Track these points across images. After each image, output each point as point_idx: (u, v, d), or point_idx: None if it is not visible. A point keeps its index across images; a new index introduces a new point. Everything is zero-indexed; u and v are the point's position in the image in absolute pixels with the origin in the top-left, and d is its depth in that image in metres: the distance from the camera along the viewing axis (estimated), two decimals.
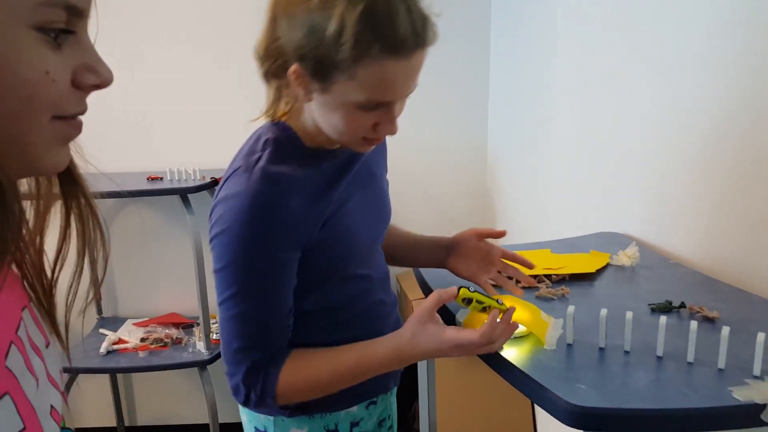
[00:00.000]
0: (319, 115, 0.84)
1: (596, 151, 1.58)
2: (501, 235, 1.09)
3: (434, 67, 2.43)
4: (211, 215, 0.87)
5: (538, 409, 2.12)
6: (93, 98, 0.46)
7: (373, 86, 0.78)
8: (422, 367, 1.36)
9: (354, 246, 0.94)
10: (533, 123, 2.00)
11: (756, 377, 0.76)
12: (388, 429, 1.12)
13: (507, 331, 0.84)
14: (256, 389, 0.86)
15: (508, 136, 2.25)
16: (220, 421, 2.27)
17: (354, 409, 1.00)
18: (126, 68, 2.21)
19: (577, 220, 1.69)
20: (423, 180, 2.46)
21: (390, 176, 1.10)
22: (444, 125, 2.42)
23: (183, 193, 2.03)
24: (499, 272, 1.05)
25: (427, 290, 1.11)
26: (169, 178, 2.12)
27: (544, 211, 1.94)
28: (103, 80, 0.45)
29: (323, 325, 0.94)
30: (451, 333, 0.83)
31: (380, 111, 0.82)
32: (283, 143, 0.87)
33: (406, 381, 1.21)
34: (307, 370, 0.89)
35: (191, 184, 2.04)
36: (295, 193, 0.84)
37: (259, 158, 0.86)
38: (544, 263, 1.20)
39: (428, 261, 1.12)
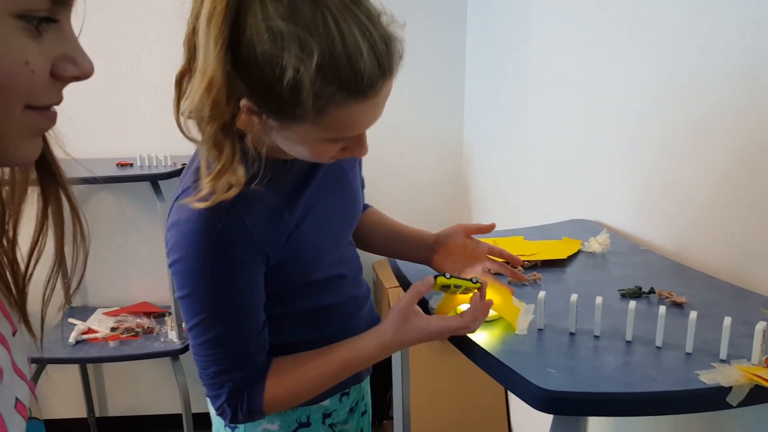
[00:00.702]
0: (281, 143, 0.76)
1: (568, 140, 1.59)
2: (489, 229, 1.05)
3: (411, 57, 2.42)
4: (166, 237, 0.82)
5: (512, 395, 2.14)
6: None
7: (339, 128, 0.72)
8: (396, 355, 1.36)
9: (320, 255, 0.90)
10: (508, 111, 2.01)
11: (722, 361, 0.77)
12: (362, 414, 1.11)
13: (484, 308, 0.85)
14: (242, 408, 0.84)
15: (484, 124, 2.25)
16: (193, 411, 2.24)
17: (326, 402, 0.99)
18: (96, 52, 2.15)
19: (550, 208, 1.71)
20: (399, 167, 2.45)
21: (367, 164, 1.07)
22: (420, 113, 2.41)
23: (154, 180, 1.99)
24: (488, 270, 1.01)
25: (402, 280, 1.10)
26: (139, 165, 2.07)
27: (518, 199, 1.95)
28: (83, 72, 0.44)
29: (296, 327, 0.92)
30: (436, 323, 0.83)
31: (349, 140, 0.77)
32: (243, 153, 0.76)
33: (381, 369, 1.21)
34: (291, 380, 0.87)
35: (162, 170, 2.00)
36: (252, 214, 0.78)
37: None
38: (518, 250, 1.20)
39: (411, 257, 1.09)
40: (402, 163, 2.45)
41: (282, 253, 0.83)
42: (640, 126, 1.28)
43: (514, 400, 2.11)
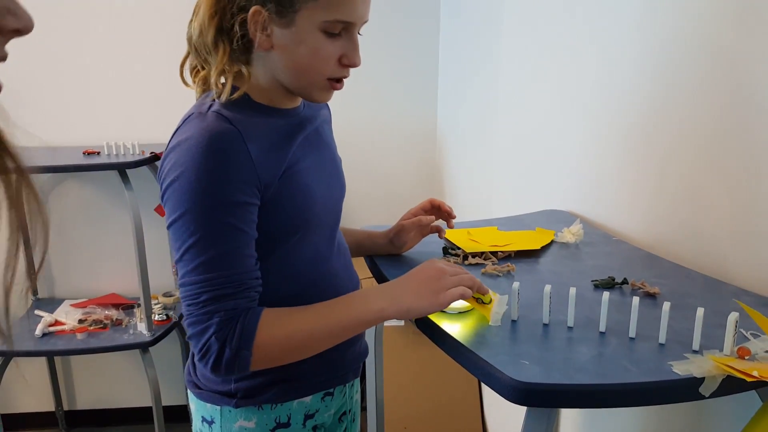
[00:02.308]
0: (281, 59, 0.83)
1: (542, 130, 1.58)
2: (450, 217, 1.14)
3: (384, 45, 2.42)
4: (162, 166, 0.81)
5: (485, 386, 2.14)
6: (23, 65, 0.41)
7: (339, 4, 0.80)
8: (369, 346, 1.34)
9: (310, 206, 0.89)
10: (481, 102, 2.00)
11: (695, 352, 0.77)
12: (351, 422, 1.08)
13: (475, 280, 0.85)
14: (231, 342, 0.77)
15: (457, 114, 2.24)
16: (164, 404, 2.21)
17: (307, 399, 0.95)
18: (61, 35, 2.08)
19: (523, 198, 1.71)
20: (373, 157, 2.43)
21: (342, 154, 1.08)
22: (394, 106, 2.40)
23: (121, 169, 1.94)
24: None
25: (377, 273, 1.08)
26: (106, 153, 2.02)
27: (491, 189, 1.95)
28: (24, 25, 0.41)
29: (276, 296, 0.88)
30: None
31: (344, 40, 0.83)
32: (234, 98, 0.83)
33: None
34: (288, 317, 0.82)
35: (130, 159, 1.95)
36: (252, 136, 0.81)
37: (211, 105, 0.82)
38: (491, 240, 1.19)
39: (376, 252, 1.14)
40: (377, 154, 2.43)
41: (277, 187, 0.83)
42: (611, 118, 1.28)
43: (488, 391, 2.11)
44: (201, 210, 0.77)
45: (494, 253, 1.13)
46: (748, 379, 0.68)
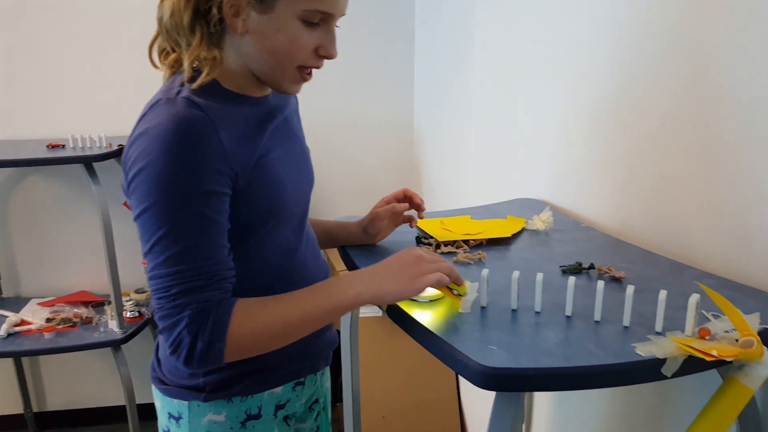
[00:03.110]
0: (256, 44, 0.81)
1: (514, 121, 1.60)
2: (419, 209, 1.13)
3: (360, 40, 2.41)
4: (127, 154, 0.78)
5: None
6: None
7: None
8: (345, 337, 1.34)
9: (281, 197, 0.88)
10: (455, 94, 2.01)
11: (658, 333, 0.78)
12: (320, 413, 1.08)
13: (453, 269, 0.84)
14: (204, 335, 0.75)
15: (433, 106, 2.25)
16: (138, 402, 2.18)
17: (278, 390, 0.94)
18: (22, 25, 2.03)
19: (497, 188, 1.72)
20: (351, 149, 2.43)
21: (319, 147, 1.09)
22: (371, 96, 2.40)
23: (88, 162, 1.90)
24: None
25: (350, 264, 1.08)
26: (72, 146, 1.97)
27: (466, 180, 1.96)
28: None
29: (248, 285, 0.86)
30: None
31: (322, 30, 0.82)
32: (203, 84, 0.81)
33: (333, 353, 1.18)
34: (263, 306, 0.80)
35: (96, 151, 1.91)
36: (223, 124, 0.79)
37: (179, 91, 0.80)
38: (464, 229, 1.20)
39: (350, 242, 1.13)
40: (354, 146, 2.43)
41: (249, 177, 0.81)
42: (580, 108, 1.29)
43: (465, 382, 2.13)
44: (170, 200, 0.75)
45: (466, 242, 1.14)
46: (708, 359, 0.70)
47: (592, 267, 0.98)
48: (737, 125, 0.91)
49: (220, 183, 0.78)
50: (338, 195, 2.41)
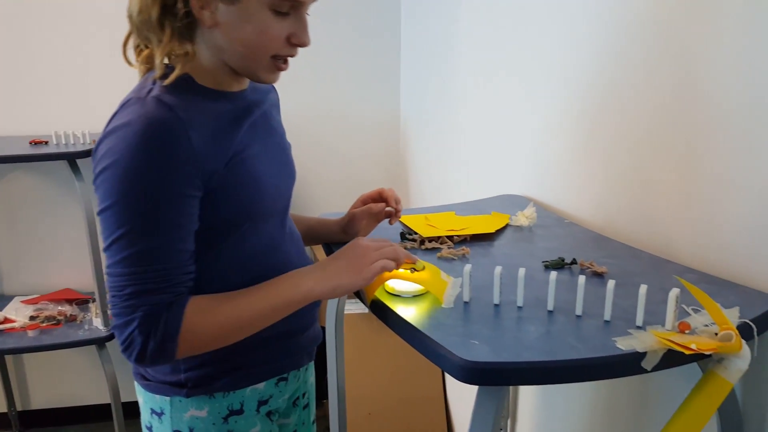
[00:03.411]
0: (227, 36, 0.80)
1: (499, 118, 1.60)
2: (396, 210, 1.11)
3: (347, 36, 2.40)
4: (96, 151, 0.78)
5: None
6: None
7: None
8: (330, 333, 1.34)
9: (259, 195, 0.88)
10: (441, 90, 2.01)
11: (638, 327, 0.79)
12: (304, 408, 1.08)
13: (398, 251, 0.86)
14: (156, 335, 0.76)
15: (419, 101, 2.26)
16: (123, 399, 2.16)
17: (261, 386, 0.94)
18: (7, 22, 2.00)
19: (481, 184, 1.73)
20: (338, 145, 2.43)
21: (305, 142, 1.08)
22: (357, 92, 2.40)
23: (71, 158, 1.88)
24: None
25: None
26: (55, 142, 1.95)
27: (452, 175, 1.97)
28: None
29: (223, 286, 0.86)
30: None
31: (292, 19, 0.80)
32: (176, 79, 0.80)
33: (318, 350, 1.18)
34: (214, 306, 0.80)
35: (80, 148, 1.89)
36: (195, 123, 0.78)
37: (151, 90, 0.79)
38: (448, 225, 1.20)
39: (330, 240, 1.13)
40: (342, 142, 2.43)
41: (224, 175, 0.81)
42: (563, 105, 1.30)
43: (452, 378, 2.14)
44: (132, 201, 0.75)
45: (450, 237, 1.14)
46: (687, 352, 0.70)
47: (574, 262, 0.99)
48: (718, 126, 0.92)
49: (186, 185, 0.77)
50: (325, 190, 2.41)
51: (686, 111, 0.98)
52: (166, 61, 0.82)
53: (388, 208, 1.10)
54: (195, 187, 0.78)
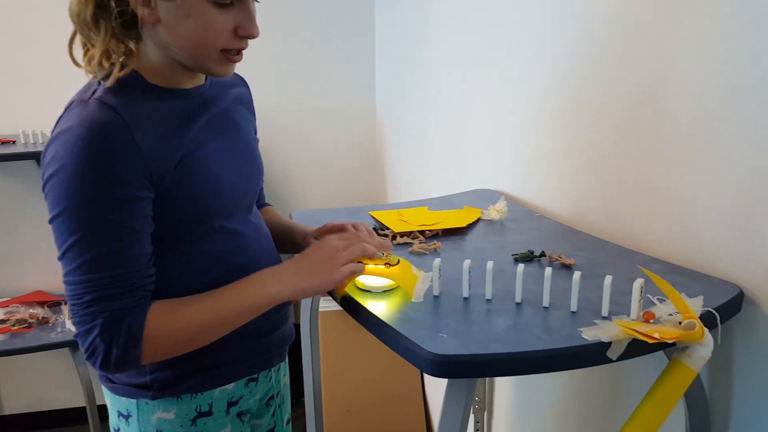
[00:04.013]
0: (170, 33, 0.78)
1: (473, 114, 1.61)
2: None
3: (320, 28, 2.38)
4: (43, 157, 0.76)
5: None
6: None
7: None
8: (305, 331, 1.33)
9: (218, 193, 0.86)
10: (415, 86, 2.02)
11: (604, 318, 0.80)
12: (278, 407, 1.06)
13: (366, 250, 0.85)
14: (118, 342, 0.75)
15: (395, 97, 2.26)
16: (98, 402, 2.13)
17: (230, 387, 0.93)
18: None
19: (455, 179, 1.73)
20: (314, 139, 2.42)
21: (281, 137, 1.05)
22: (333, 86, 2.39)
23: (39, 158, 1.84)
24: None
25: None
26: (23, 142, 1.92)
27: (426, 170, 1.98)
28: None
29: (188, 288, 0.84)
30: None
31: (238, 9, 0.78)
32: (122, 78, 0.78)
33: (295, 349, 1.17)
34: (178, 309, 0.79)
35: None
36: (140, 124, 0.76)
37: (95, 91, 0.77)
38: (420, 220, 1.21)
39: (292, 250, 1.07)
40: (318, 135, 2.43)
41: (174, 176, 0.79)
42: (536, 101, 1.31)
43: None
44: (80, 208, 0.73)
45: (422, 232, 1.14)
46: (650, 341, 0.72)
47: (543, 255, 1.00)
48: (686, 123, 0.93)
49: (135, 187, 0.76)
50: (301, 185, 2.40)
51: (657, 108, 0.99)
52: (120, 60, 0.80)
53: None
54: (144, 188, 0.77)
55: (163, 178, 0.78)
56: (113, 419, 0.93)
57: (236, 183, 0.90)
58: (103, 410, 2.14)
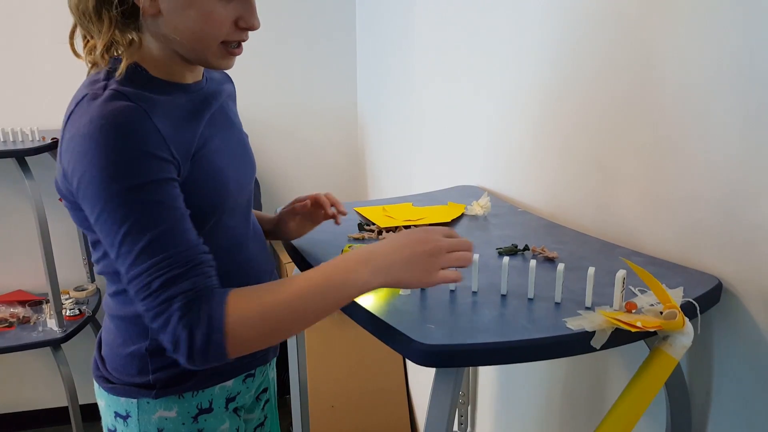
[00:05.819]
0: (171, 24, 0.77)
1: (455, 110, 1.62)
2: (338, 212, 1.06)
3: (302, 25, 2.38)
4: (63, 163, 0.75)
5: (410, 363, 2.19)
6: None
7: None
8: None
9: (224, 189, 0.85)
10: (396, 83, 2.03)
11: (587, 308, 0.82)
12: (266, 402, 1.07)
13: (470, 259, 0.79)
14: (200, 327, 0.70)
15: (376, 94, 2.26)
16: (81, 402, 2.11)
17: (229, 383, 0.93)
18: None
19: (438, 175, 1.75)
20: (296, 137, 2.42)
21: (264, 134, 1.06)
22: (314, 83, 2.39)
23: (20, 156, 1.83)
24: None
25: (294, 254, 1.07)
26: (2, 139, 1.89)
27: (408, 167, 1.99)
28: None
29: None
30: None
31: (238, 2, 0.78)
32: (128, 71, 0.77)
33: (281, 348, 1.17)
34: (260, 293, 0.74)
35: (29, 145, 1.84)
36: (156, 113, 0.75)
37: (105, 84, 0.76)
38: (406, 216, 1.22)
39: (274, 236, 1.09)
40: (300, 132, 2.43)
41: (189, 169, 0.78)
42: (518, 96, 1.32)
43: (412, 366, 2.16)
44: (120, 197, 0.71)
45: (407, 227, 1.15)
46: (633, 330, 0.73)
47: (526, 248, 1.02)
48: (667, 117, 0.95)
49: (165, 170, 0.74)
50: (283, 183, 2.40)
51: (637, 103, 1.01)
52: (119, 52, 0.79)
53: (331, 210, 1.04)
54: (173, 171, 0.75)
55: (181, 168, 0.77)
56: (108, 420, 0.92)
57: (238, 179, 0.89)
58: (85, 410, 2.14)
